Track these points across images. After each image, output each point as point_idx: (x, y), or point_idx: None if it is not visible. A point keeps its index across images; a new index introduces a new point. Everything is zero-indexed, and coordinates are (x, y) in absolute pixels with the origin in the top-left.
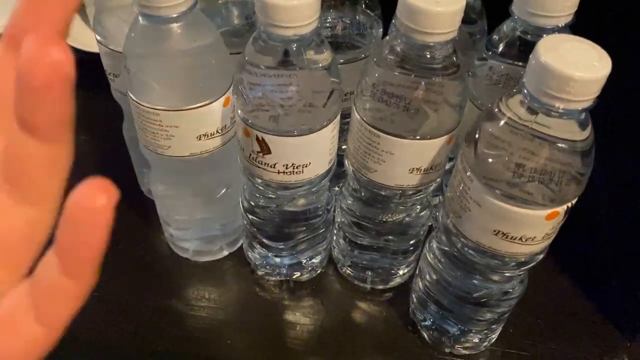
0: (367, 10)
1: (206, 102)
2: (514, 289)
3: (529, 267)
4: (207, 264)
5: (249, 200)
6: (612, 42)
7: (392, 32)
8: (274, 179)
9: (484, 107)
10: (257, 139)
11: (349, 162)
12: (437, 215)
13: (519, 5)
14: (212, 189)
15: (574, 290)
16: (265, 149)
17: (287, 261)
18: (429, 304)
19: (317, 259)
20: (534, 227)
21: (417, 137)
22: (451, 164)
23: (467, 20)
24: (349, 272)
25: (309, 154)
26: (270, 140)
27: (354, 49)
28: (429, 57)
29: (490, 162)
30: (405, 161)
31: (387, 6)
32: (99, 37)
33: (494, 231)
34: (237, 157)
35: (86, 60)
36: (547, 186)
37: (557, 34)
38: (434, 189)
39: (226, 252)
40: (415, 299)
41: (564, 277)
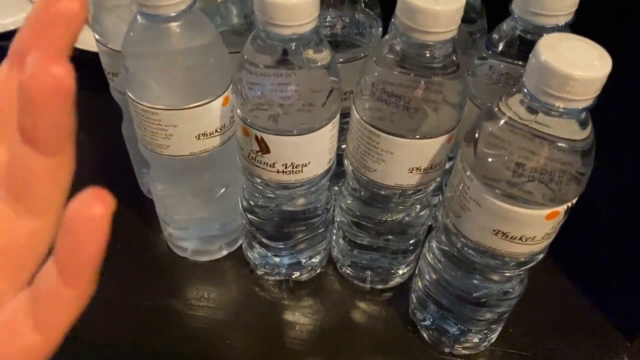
0: (367, 9)
1: (205, 102)
2: (513, 288)
3: (528, 266)
4: (207, 264)
5: (248, 199)
6: (612, 41)
7: (391, 31)
8: (273, 178)
9: (483, 106)
10: (256, 139)
11: (348, 161)
12: (437, 214)
13: (519, 4)
14: (211, 188)
15: (574, 290)
16: (264, 149)
17: (286, 261)
18: (429, 304)
19: (316, 259)
20: (534, 226)
21: (417, 137)
22: (451, 163)
23: (467, 19)
24: (348, 272)
25: (308, 154)
26: (269, 139)
27: (354, 48)
28: (428, 56)
29: (490, 162)
30: (404, 161)
31: (387, 5)
32: (97, 36)
33: (494, 231)
34: (236, 157)
35: (85, 59)
36: (547, 186)
37: (557, 33)
38: (434, 188)
39: (225, 252)
40: (414, 298)
41: (564, 277)
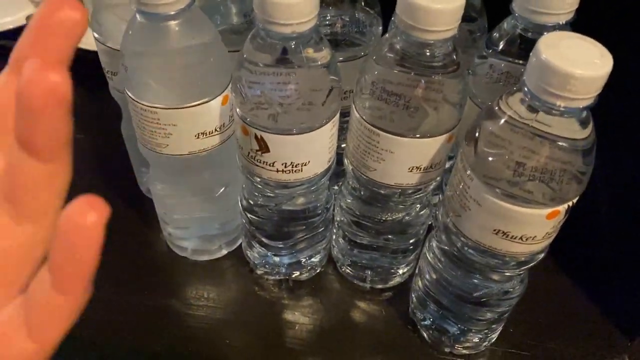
0: (367, 7)
1: (204, 101)
2: (514, 288)
3: (529, 266)
4: (206, 263)
5: (247, 199)
6: (613, 39)
7: (391, 30)
8: (273, 177)
9: (484, 105)
10: (256, 138)
11: (348, 160)
12: (437, 214)
13: (520, 2)
14: (210, 187)
15: (575, 289)
16: (264, 148)
17: (286, 260)
18: (429, 304)
19: (316, 258)
20: (535, 226)
21: (417, 136)
22: (451, 162)
23: (467, 17)
24: (348, 271)
25: (308, 153)
26: (269, 138)
27: (353, 46)
28: (428, 55)
29: (490, 161)
30: (404, 160)
31: (387, 3)
32: (96, 35)
33: (494, 230)
34: (236, 156)
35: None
36: (548, 185)
37: (557, 31)
38: (434, 187)
39: (225, 251)
40: (415, 298)
41: (565, 276)
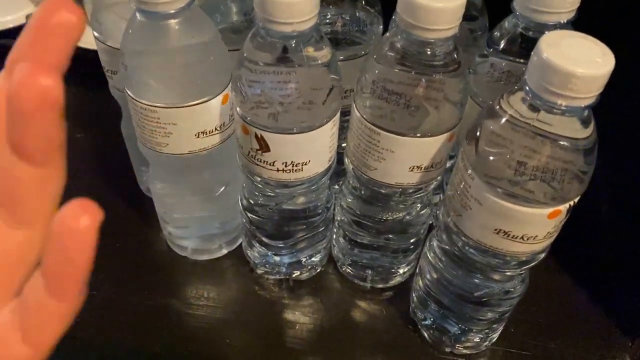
0: (367, 6)
1: (204, 100)
2: (515, 288)
3: (530, 266)
4: (206, 263)
5: (248, 198)
6: (615, 38)
7: (392, 29)
8: (273, 177)
9: (485, 104)
10: (256, 137)
11: (348, 160)
12: (438, 213)
13: (521, 1)
14: (211, 187)
15: (576, 289)
16: (264, 147)
17: (286, 260)
18: (430, 303)
19: (316, 258)
20: (536, 225)
21: (418, 135)
22: (452, 161)
23: (468, 16)
24: (348, 271)
25: (309, 152)
26: (269, 137)
27: (354, 45)
28: (429, 53)
29: (491, 160)
30: (405, 159)
31: (387, 2)
32: (96, 34)
33: (495, 230)
34: (236, 155)
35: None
36: (549, 184)
37: (559, 30)
38: (435, 187)
39: (225, 251)
40: (415, 298)
41: (566, 276)
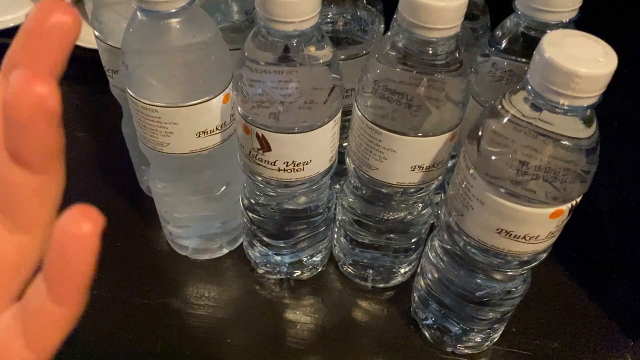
0: (369, 5)
1: (205, 99)
2: (516, 288)
3: (532, 266)
4: (207, 262)
5: (249, 198)
6: (617, 37)
7: (393, 28)
8: (274, 176)
9: (486, 104)
10: (257, 136)
11: (350, 159)
12: (439, 213)
13: (523, 0)
14: (211, 186)
15: (577, 289)
16: (265, 146)
17: (287, 259)
18: (431, 303)
19: (317, 257)
20: (538, 225)
21: (419, 135)
22: (453, 161)
23: (470, 16)
24: (350, 271)
25: (310, 152)
26: (270, 137)
27: (355, 44)
28: (431, 53)
29: (493, 160)
30: (407, 159)
31: (389, 1)
32: (97, 33)
33: (497, 229)
34: (237, 155)
35: (84, 56)
36: (551, 184)
37: (561, 29)
38: (436, 186)
39: (226, 250)
40: (416, 297)
41: (567, 275)
